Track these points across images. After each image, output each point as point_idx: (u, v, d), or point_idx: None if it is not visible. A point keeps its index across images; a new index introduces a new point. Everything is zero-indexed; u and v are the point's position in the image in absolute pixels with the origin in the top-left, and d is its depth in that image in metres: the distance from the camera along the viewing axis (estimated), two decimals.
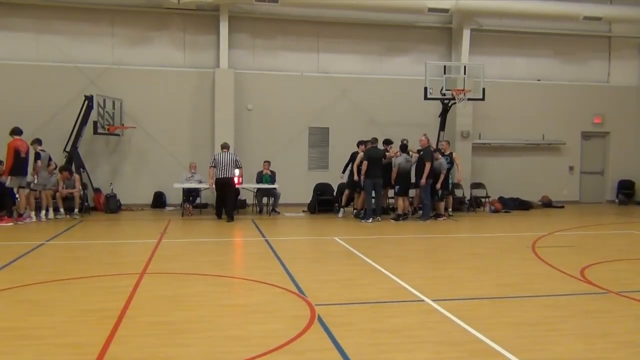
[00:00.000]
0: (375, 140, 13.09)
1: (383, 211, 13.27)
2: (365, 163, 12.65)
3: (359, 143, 13.47)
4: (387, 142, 13.66)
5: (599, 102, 17.61)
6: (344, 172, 13.96)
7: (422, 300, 5.89)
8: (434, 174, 12.94)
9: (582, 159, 17.82)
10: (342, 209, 13.79)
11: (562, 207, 16.48)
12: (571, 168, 17.69)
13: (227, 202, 12.73)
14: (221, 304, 5.87)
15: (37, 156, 12.36)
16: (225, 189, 12.66)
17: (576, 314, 5.51)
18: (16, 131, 11.94)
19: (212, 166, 12.76)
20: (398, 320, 5.20)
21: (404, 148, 13.11)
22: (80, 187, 13.18)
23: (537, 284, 6.78)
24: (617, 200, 17.73)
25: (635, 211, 15.81)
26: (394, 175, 12.96)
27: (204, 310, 5.51)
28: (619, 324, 5.18)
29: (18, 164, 11.73)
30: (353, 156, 13.47)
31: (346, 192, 13.69)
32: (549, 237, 10.64)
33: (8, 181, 11.81)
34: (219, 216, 12.97)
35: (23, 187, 11.98)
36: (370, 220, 12.57)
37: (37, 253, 8.59)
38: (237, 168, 12.77)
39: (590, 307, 5.79)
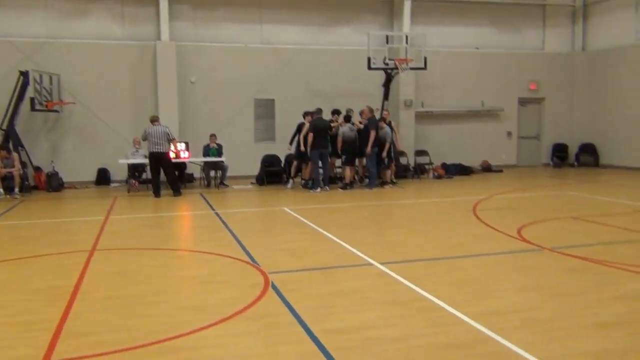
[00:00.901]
0: (320, 110, 13.23)
1: (330, 180, 13.50)
2: (311, 134, 12.78)
3: (305, 114, 13.53)
4: (335, 112, 13.82)
5: (534, 69, 18.25)
6: (291, 143, 14.00)
7: (371, 264, 6.15)
8: (379, 143, 13.21)
9: (520, 124, 18.51)
10: (290, 180, 13.93)
11: (501, 171, 17.17)
12: (509, 133, 18.37)
13: (167, 177, 12.53)
14: (176, 276, 5.96)
15: None
16: (159, 163, 12.33)
17: (513, 270, 5.91)
18: None
19: (142, 140, 12.55)
20: (348, 284, 5.43)
21: (347, 119, 13.29)
22: (20, 166, 12.77)
23: (478, 244, 7.17)
24: (551, 163, 18.59)
25: (568, 173, 16.65)
26: (338, 144, 13.16)
27: (159, 284, 5.59)
28: (551, 277, 5.60)
29: None
30: (299, 127, 13.55)
31: (294, 162, 13.81)
32: (488, 200, 11.15)
33: None
34: (156, 194, 12.21)
35: None
36: (319, 190, 12.78)
37: None
38: (170, 141, 12.37)
39: (525, 263, 6.21)
